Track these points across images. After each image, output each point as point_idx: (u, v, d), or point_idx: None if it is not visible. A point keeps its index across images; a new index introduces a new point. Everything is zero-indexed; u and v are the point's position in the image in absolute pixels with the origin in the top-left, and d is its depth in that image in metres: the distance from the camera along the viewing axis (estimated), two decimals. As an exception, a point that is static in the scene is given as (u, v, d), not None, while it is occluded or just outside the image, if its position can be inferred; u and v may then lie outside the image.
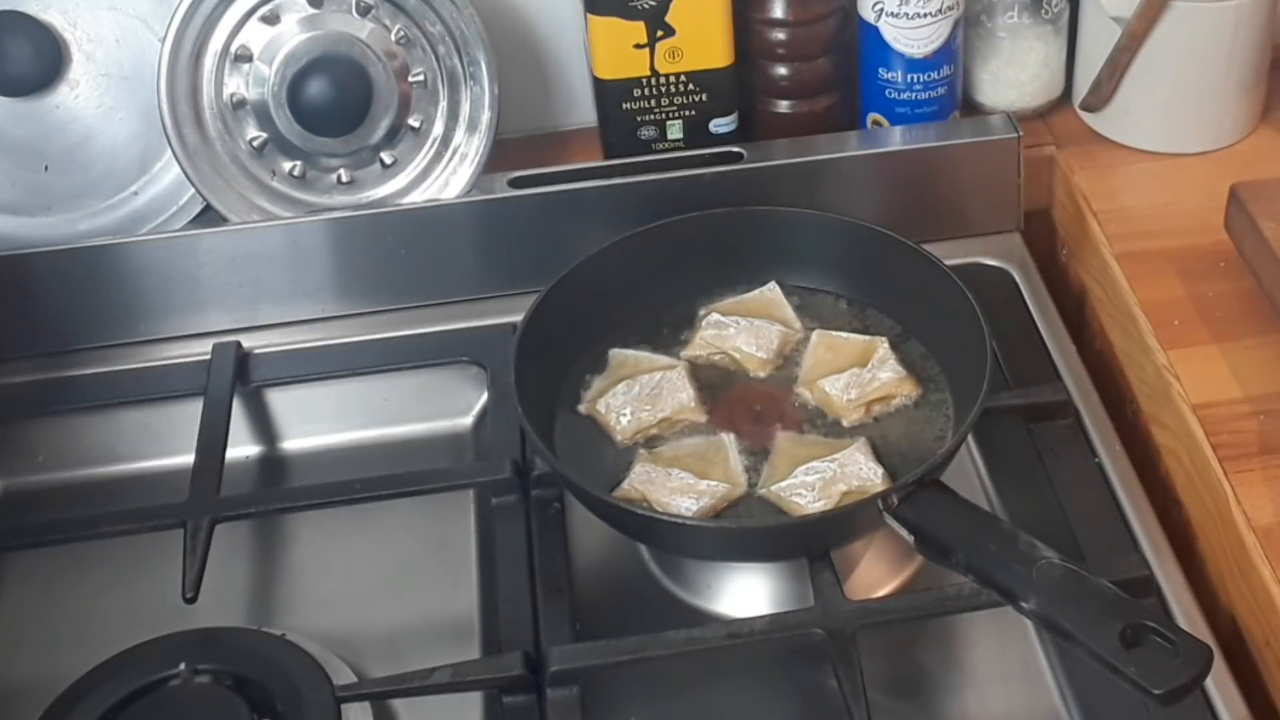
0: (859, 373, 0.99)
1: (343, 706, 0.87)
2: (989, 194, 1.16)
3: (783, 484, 0.93)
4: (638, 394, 0.98)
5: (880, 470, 0.92)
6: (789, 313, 1.05)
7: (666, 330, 1.06)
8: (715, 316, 1.04)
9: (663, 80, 1.18)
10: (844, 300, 1.06)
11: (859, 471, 0.92)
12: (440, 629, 0.97)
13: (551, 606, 0.92)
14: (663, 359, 1.02)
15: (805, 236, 1.07)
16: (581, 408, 1.00)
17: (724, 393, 1.01)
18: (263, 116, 1.13)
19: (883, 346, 1.00)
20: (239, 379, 1.08)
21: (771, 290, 1.06)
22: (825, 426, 0.98)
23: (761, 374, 1.02)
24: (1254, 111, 1.19)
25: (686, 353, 1.03)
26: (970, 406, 0.93)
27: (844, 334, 1.02)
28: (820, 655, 0.87)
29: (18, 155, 1.15)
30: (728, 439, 0.96)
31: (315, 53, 1.12)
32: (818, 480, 0.92)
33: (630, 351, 1.03)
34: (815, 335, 1.03)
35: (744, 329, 1.03)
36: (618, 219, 1.09)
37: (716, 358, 1.03)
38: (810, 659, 0.89)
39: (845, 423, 0.98)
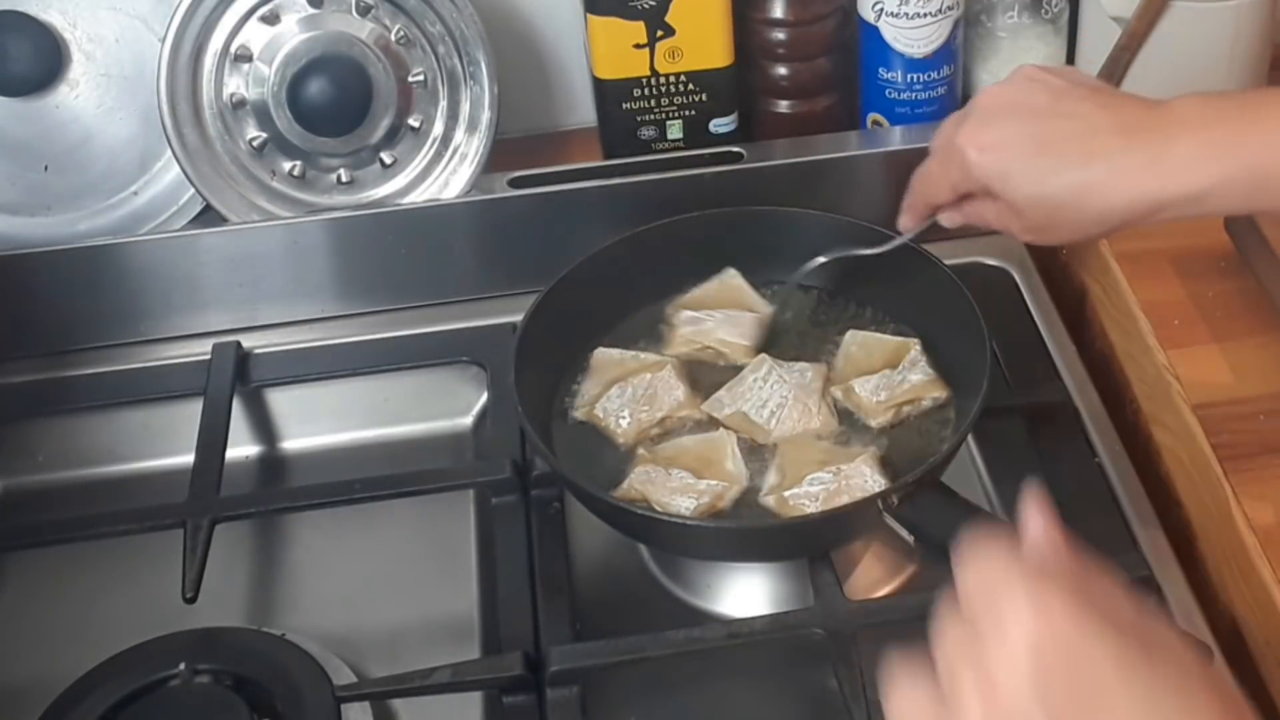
0: (890, 374, 0.98)
1: (343, 706, 0.87)
2: (989, 194, 1.16)
3: (786, 492, 0.92)
4: (632, 395, 0.98)
5: (884, 484, 0.91)
6: (754, 297, 1.06)
7: (664, 329, 1.06)
8: (686, 313, 1.04)
9: (663, 80, 1.18)
10: (844, 300, 1.06)
11: (863, 484, 0.91)
12: (440, 629, 0.97)
13: (551, 606, 0.92)
14: (651, 357, 1.02)
15: (805, 236, 1.07)
16: (578, 414, 1.00)
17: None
18: (263, 116, 1.13)
19: (914, 348, 1.00)
20: (239, 379, 1.08)
21: (732, 277, 1.06)
22: (833, 432, 0.98)
23: (749, 360, 1.02)
24: (1254, 111, 1.19)
25: (668, 351, 1.03)
26: (970, 406, 0.93)
27: (876, 334, 1.02)
28: (820, 655, 0.87)
29: (18, 155, 1.15)
30: (728, 436, 0.96)
31: (315, 53, 1.12)
32: (821, 491, 0.92)
33: (615, 351, 1.03)
34: (848, 335, 1.02)
35: (721, 321, 1.03)
36: (618, 219, 1.09)
37: (701, 352, 1.03)
38: (810, 659, 0.89)
39: (874, 424, 0.98)
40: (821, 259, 1.02)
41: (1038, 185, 0.82)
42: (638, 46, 1.16)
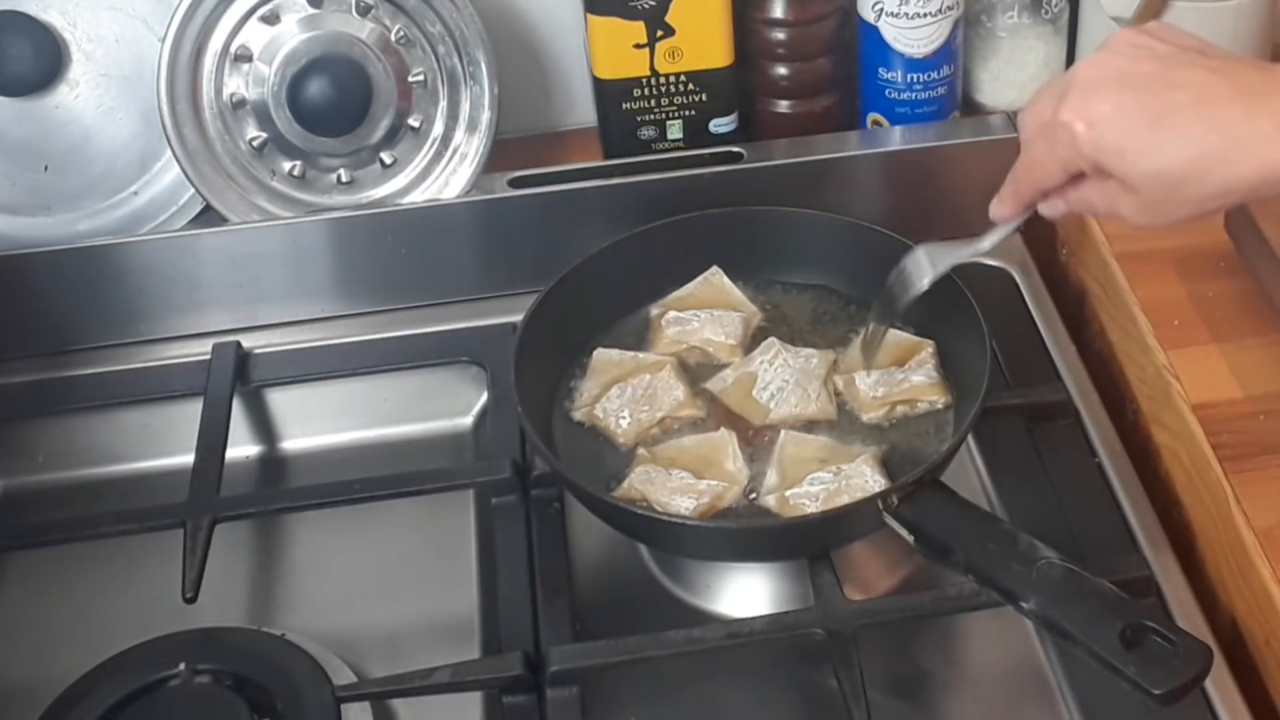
0: (893, 372, 0.98)
1: (343, 706, 0.87)
2: (989, 194, 1.15)
3: (786, 492, 0.92)
4: (632, 395, 0.98)
5: (884, 484, 0.91)
6: (739, 296, 1.06)
7: (651, 330, 1.06)
8: (673, 314, 1.04)
9: (663, 80, 1.18)
10: (844, 300, 1.06)
11: (863, 484, 0.91)
12: (440, 629, 0.97)
13: (551, 606, 0.92)
14: (650, 357, 1.02)
15: (805, 236, 1.07)
16: (578, 415, 1.00)
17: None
18: (263, 116, 1.13)
19: (926, 350, 1.00)
20: (239, 379, 1.08)
21: (715, 275, 1.07)
22: (831, 429, 0.98)
23: (734, 359, 1.02)
24: (1254, 111, 1.19)
25: (655, 352, 1.03)
26: (970, 406, 0.93)
27: (897, 331, 1.01)
28: (820, 655, 0.87)
29: (18, 155, 1.15)
30: (729, 436, 0.96)
31: (315, 53, 1.12)
32: (821, 491, 0.92)
33: (614, 352, 1.03)
34: (869, 327, 1.02)
35: (706, 321, 1.03)
36: (618, 219, 1.09)
37: (688, 353, 1.03)
38: (810, 659, 0.89)
39: (865, 419, 0.98)
40: (929, 279, 0.94)
41: (1156, 160, 0.76)
42: (638, 46, 1.16)
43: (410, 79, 1.14)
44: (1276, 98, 0.75)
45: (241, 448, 1.10)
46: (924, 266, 0.94)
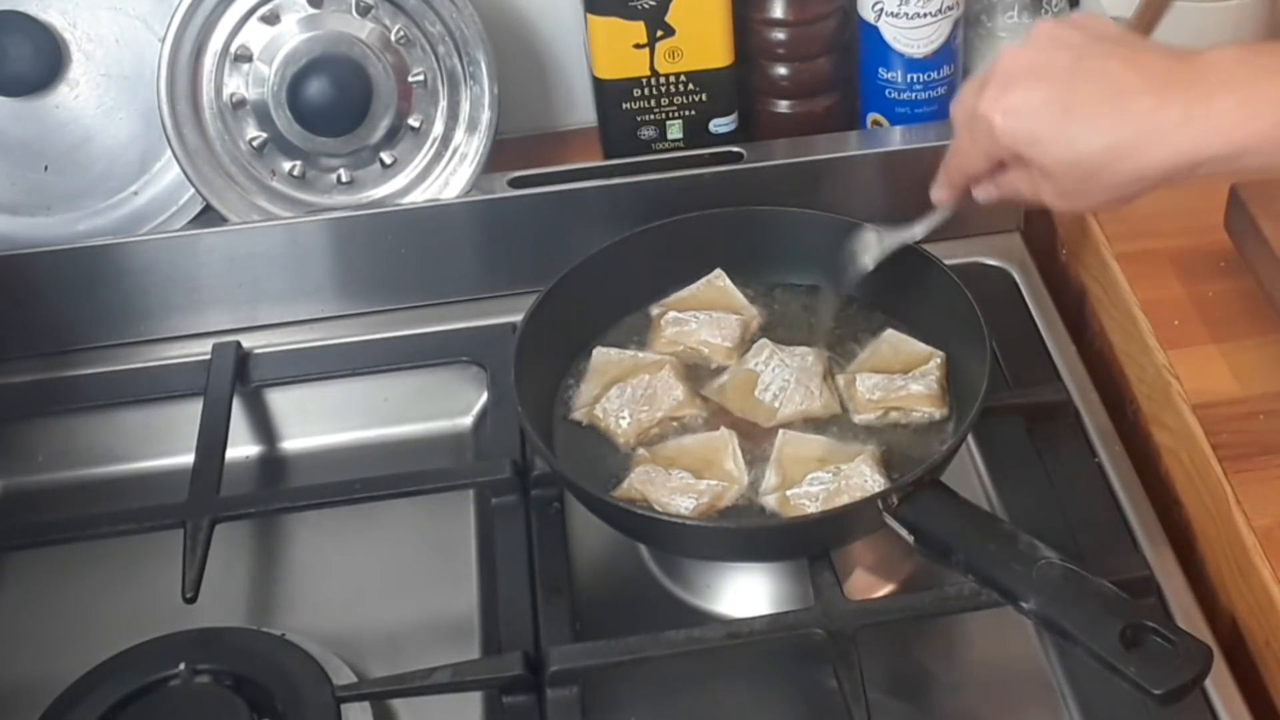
0: (895, 378, 0.98)
1: (343, 706, 0.87)
2: (989, 194, 1.16)
3: (786, 492, 0.92)
4: (632, 395, 0.98)
5: (884, 484, 0.91)
6: (741, 299, 1.06)
7: (650, 330, 1.06)
8: (673, 314, 1.04)
9: (663, 80, 1.18)
10: (845, 300, 1.06)
11: (863, 484, 0.91)
12: (440, 629, 0.97)
13: (551, 606, 0.92)
14: (650, 357, 1.02)
15: (805, 236, 1.07)
16: (578, 415, 1.00)
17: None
18: (263, 116, 1.13)
19: (934, 361, 1.00)
20: (239, 379, 1.08)
21: (719, 278, 1.07)
22: (831, 427, 0.98)
23: (730, 363, 1.02)
24: (1254, 111, 1.19)
25: (654, 352, 1.03)
26: (970, 406, 0.93)
27: (910, 339, 1.02)
28: (820, 655, 0.87)
29: (18, 155, 1.15)
30: (729, 436, 0.96)
31: (315, 53, 1.12)
32: (821, 491, 0.92)
33: (614, 351, 1.03)
34: (886, 332, 1.02)
35: (704, 322, 1.03)
36: (618, 219, 1.09)
37: (684, 354, 1.03)
38: (810, 659, 0.89)
39: (858, 420, 0.98)
40: (869, 260, 0.99)
41: (1068, 149, 0.79)
42: (638, 46, 1.16)
43: (410, 79, 1.14)
44: (1186, 88, 0.77)
45: (241, 448, 1.10)
46: (872, 246, 1.00)
